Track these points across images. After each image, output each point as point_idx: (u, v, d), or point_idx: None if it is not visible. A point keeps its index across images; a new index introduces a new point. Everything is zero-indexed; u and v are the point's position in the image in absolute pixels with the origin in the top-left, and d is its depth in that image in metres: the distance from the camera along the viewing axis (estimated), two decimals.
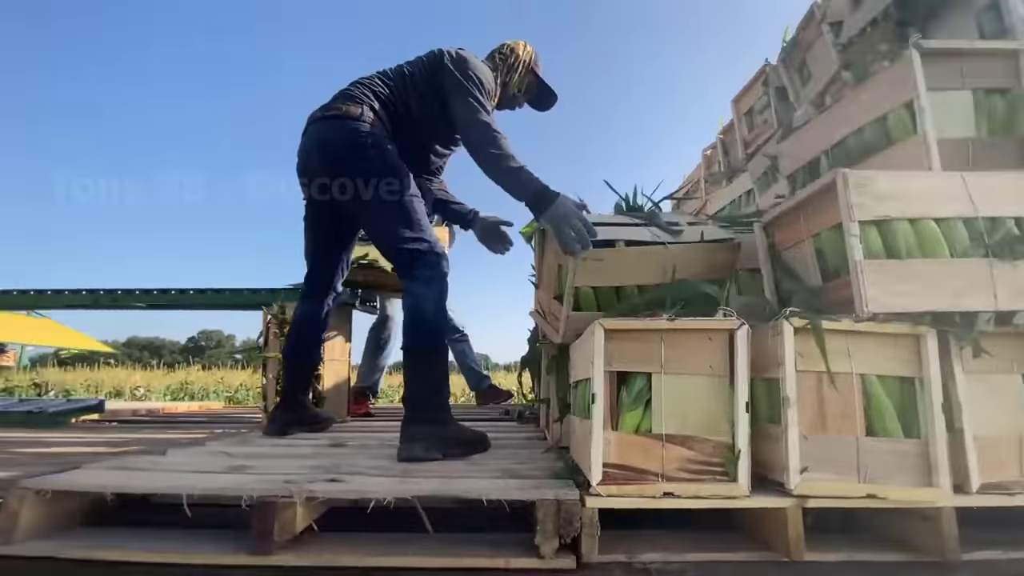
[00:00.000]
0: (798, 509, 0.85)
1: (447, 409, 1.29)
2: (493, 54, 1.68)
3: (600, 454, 0.89)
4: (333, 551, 0.84)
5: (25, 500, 0.83)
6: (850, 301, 0.92)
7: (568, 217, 1.18)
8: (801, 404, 0.89)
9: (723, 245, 1.31)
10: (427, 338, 1.31)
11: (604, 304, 1.32)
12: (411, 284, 1.33)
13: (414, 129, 1.52)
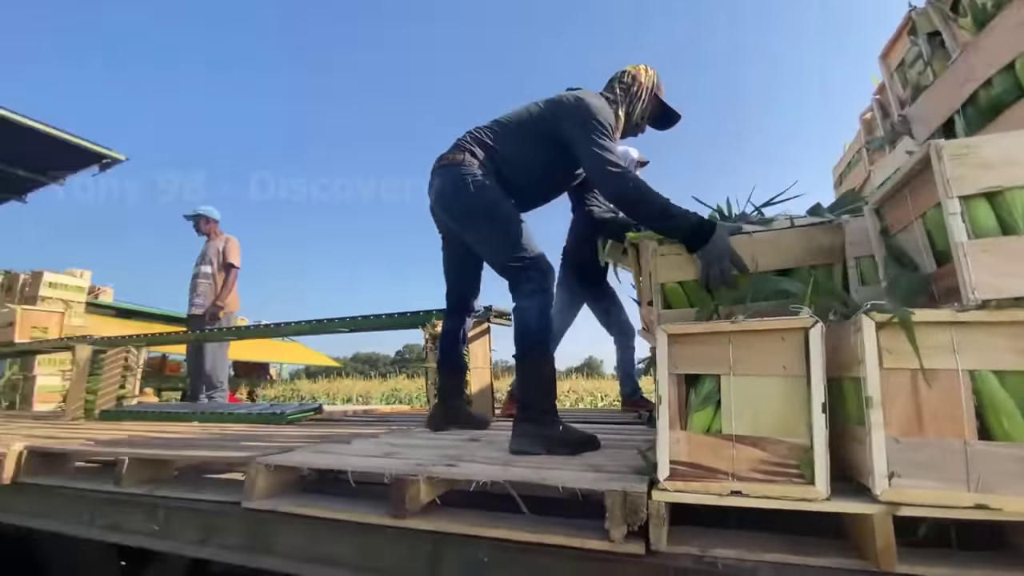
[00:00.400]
0: (887, 517, 0.80)
1: (553, 410, 1.44)
2: (613, 83, 1.75)
3: (667, 452, 0.95)
4: (447, 520, 1.06)
5: (259, 471, 1.24)
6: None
7: (721, 258, 1.25)
8: (891, 404, 0.83)
9: (823, 228, 1.22)
10: (533, 347, 1.48)
11: (695, 300, 1.35)
12: (516, 298, 1.52)
13: (523, 171, 1.66)
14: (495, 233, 1.57)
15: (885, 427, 0.82)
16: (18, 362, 4.98)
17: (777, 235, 1.32)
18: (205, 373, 3.78)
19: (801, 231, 1.30)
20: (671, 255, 1.40)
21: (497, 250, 1.58)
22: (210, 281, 3.93)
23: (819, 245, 1.28)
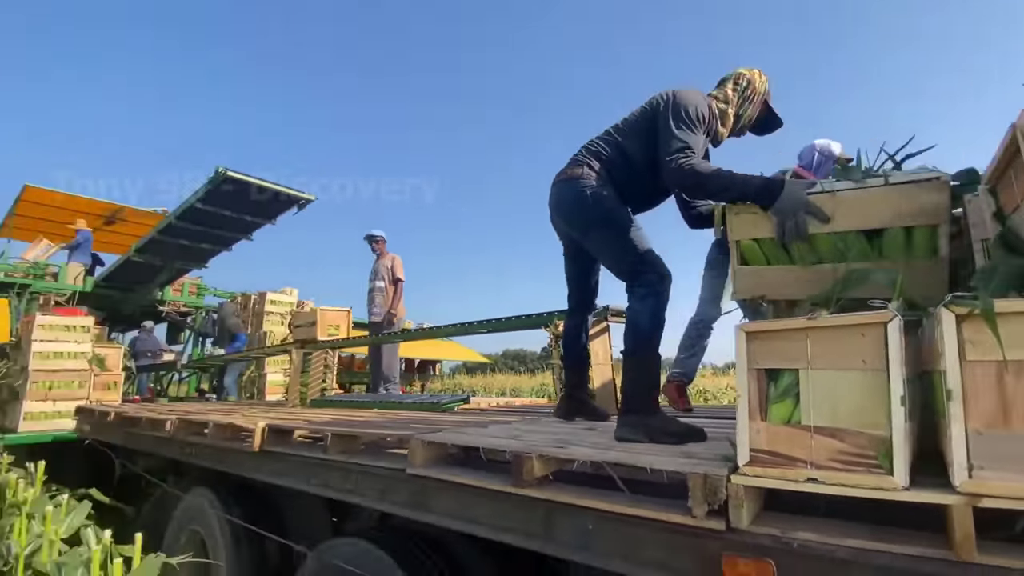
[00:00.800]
0: (967, 508, 0.80)
1: (656, 403, 1.56)
2: (725, 83, 1.80)
3: (747, 441, 1.04)
4: (557, 492, 1.28)
5: (418, 446, 1.60)
6: None
7: (796, 211, 1.27)
8: (975, 397, 0.82)
9: (923, 186, 1.16)
10: (642, 345, 1.62)
11: (772, 258, 1.36)
12: (630, 299, 1.67)
13: (636, 173, 1.78)
14: (612, 241, 1.73)
15: (968, 420, 0.82)
16: (254, 363, 6.49)
17: (865, 193, 1.27)
18: (382, 370, 4.56)
19: (894, 189, 1.23)
20: (745, 213, 1.43)
21: (615, 256, 1.74)
22: (383, 294, 4.72)
23: (919, 205, 1.20)
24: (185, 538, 2.69)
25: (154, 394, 7.55)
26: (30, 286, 6.69)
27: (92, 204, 8.24)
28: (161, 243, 6.16)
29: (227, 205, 5.35)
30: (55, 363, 5.00)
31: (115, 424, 3.82)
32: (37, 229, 8.34)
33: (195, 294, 8.56)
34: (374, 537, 1.80)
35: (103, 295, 7.32)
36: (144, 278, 7.25)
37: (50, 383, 4.93)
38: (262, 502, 2.55)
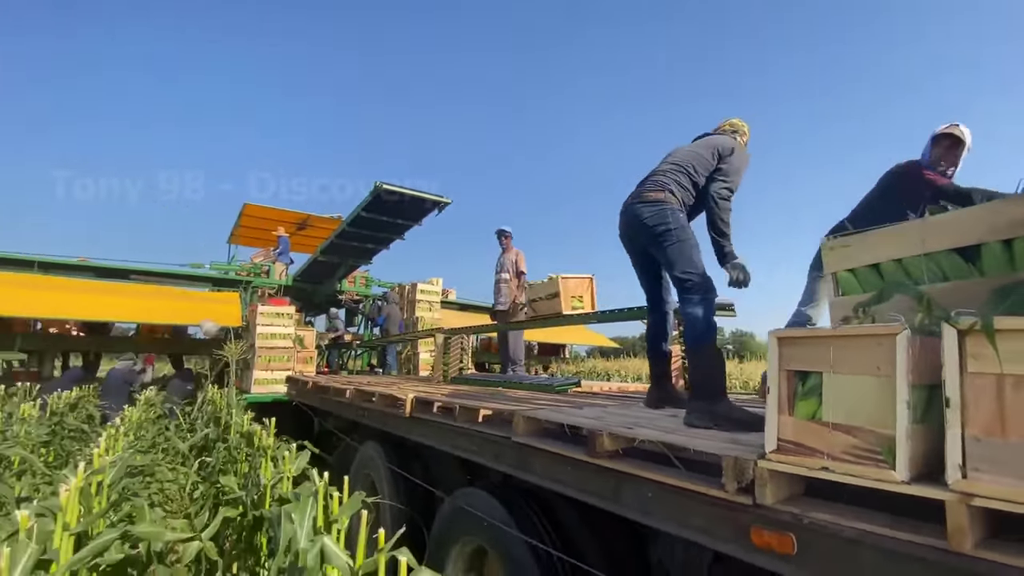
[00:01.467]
0: (961, 504, 0.89)
1: (720, 392, 1.72)
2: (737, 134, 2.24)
3: (775, 432, 1.20)
4: (624, 464, 1.54)
5: (520, 419, 1.97)
6: None
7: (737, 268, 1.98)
8: (974, 405, 0.90)
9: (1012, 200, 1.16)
10: (698, 341, 1.79)
11: (865, 285, 1.42)
12: (684, 304, 1.87)
13: (698, 201, 2.16)
14: (674, 254, 1.96)
15: (967, 426, 0.91)
16: (409, 343, 7.58)
17: (952, 215, 1.27)
18: (509, 353, 5.09)
19: (984, 206, 1.23)
20: (839, 247, 1.49)
21: (675, 266, 1.95)
22: (508, 285, 5.24)
23: (1009, 218, 1.18)
24: (360, 480, 3.48)
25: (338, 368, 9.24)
26: (252, 282, 8.68)
27: (287, 214, 10.27)
28: (338, 245, 7.53)
29: (384, 212, 6.36)
30: (271, 342, 6.50)
31: (312, 391, 4.94)
32: (253, 236, 10.66)
33: (365, 285, 10.17)
34: (492, 490, 2.23)
35: (299, 288, 9.17)
36: (327, 273, 8.90)
37: (269, 357, 6.43)
38: (415, 456, 3.19)
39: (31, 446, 3.48)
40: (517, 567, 1.95)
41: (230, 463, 3.25)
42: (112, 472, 2.02)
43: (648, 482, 1.47)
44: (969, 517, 0.89)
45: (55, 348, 8.84)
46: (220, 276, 9.10)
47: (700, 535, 1.33)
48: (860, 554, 1.02)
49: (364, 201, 6.12)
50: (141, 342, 9.21)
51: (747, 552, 1.21)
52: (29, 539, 1.30)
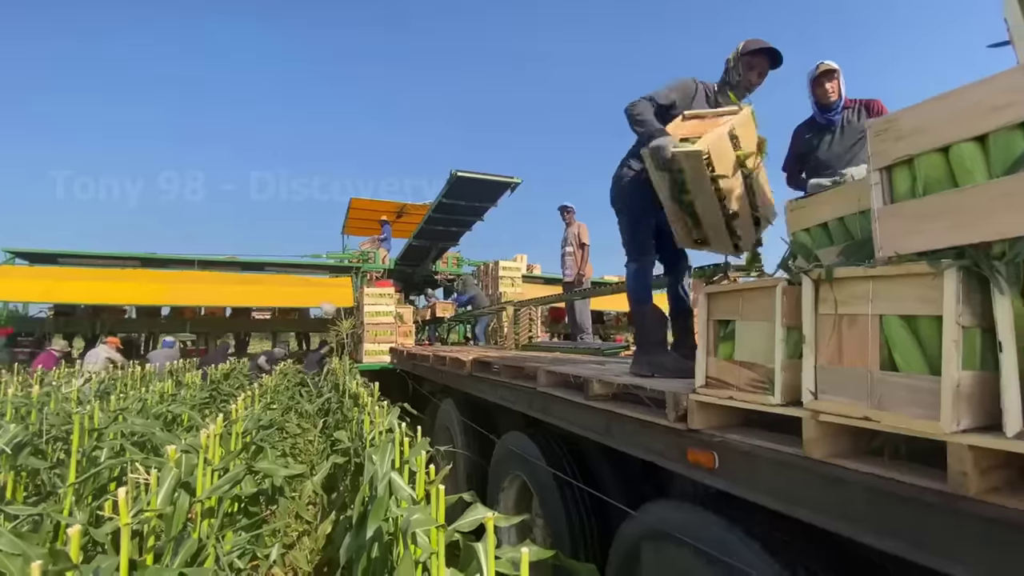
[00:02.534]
0: (812, 420, 1.10)
1: (659, 344, 1.95)
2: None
3: (703, 371, 1.44)
4: (613, 404, 1.85)
5: (542, 373, 2.33)
6: None
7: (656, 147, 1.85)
8: (823, 341, 1.10)
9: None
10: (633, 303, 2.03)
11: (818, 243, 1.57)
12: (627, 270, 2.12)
13: None
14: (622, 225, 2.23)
15: (817, 357, 1.11)
16: (495, 316, 8.16)
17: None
18: (576, 322, 5.40)
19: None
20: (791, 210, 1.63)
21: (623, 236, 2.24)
22: (573, 258, 5.52)
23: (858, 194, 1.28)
24: (441, 432, 4.10)
25: (436, 340, 10.22)
26: (361, 267, 9.88)
27: (387, 204, 11.36)
28: (427, 230, 8.30)
29: (462, 197, 6.92)
30: (377, 319, 7.48)
31: (407, 358, 5.71)
32: (361, 226, 11.97)
33: (456, 264, 11.00)
34: (530, 433, 2.64)
35: (400, 270, 10.22)
36: (422, 256, 9.80)
37: (376, 331, 7.41)
38: (482, 409, 3.70)
39: (195, 406, 4.37)
40: (547, 493, 2.35)
41: (344, 421, 3.86)
42: (245, 422, 2.61)
43: (624, 417, 1.77)
44: (818, 430, 1.10)
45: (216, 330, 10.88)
46: (335, 264, 10.46)
47: (658, 457, 1.62)
48: (756, 464, 1.26)
49: (444, 189, 6.72)
50: (276, 323, 10.96)
51: (687, 468, 1.48)
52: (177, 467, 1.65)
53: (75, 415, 2.45)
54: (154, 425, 2.74)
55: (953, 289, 0.87)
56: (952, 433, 0.86)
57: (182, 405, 3.78)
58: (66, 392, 3.83)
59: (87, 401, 4.41)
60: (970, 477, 0.84)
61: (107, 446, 2.51)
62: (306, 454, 4.36)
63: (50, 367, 6.64)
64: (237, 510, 2.16)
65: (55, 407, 3.26)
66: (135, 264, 9.08)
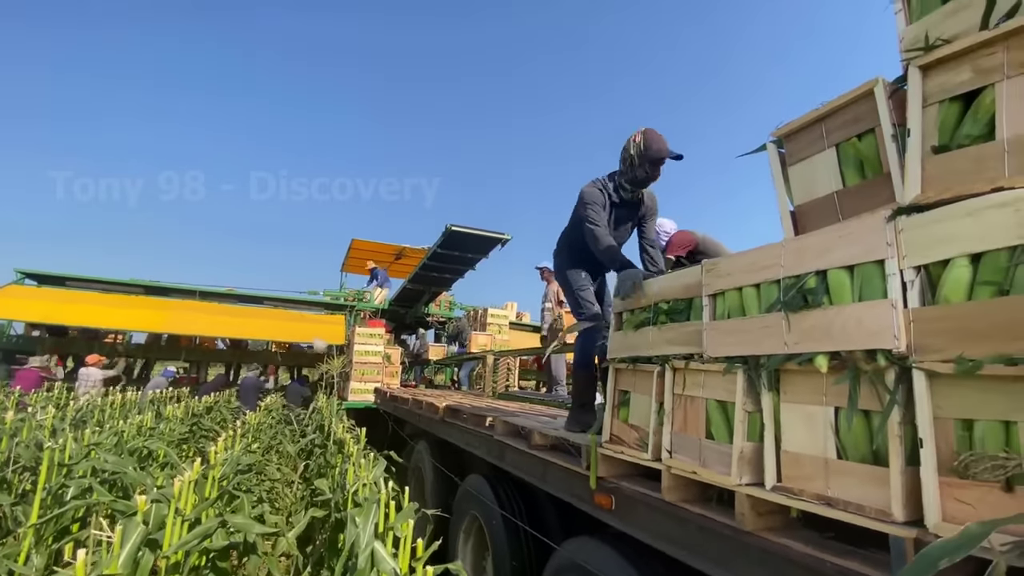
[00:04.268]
0: (668, 471, 1.48)
1: (586, 403, 2.36)
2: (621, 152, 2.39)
3: (608, 428, 1.83)
4: (547, 454, 2.22)
5: (499, 422, 2.70)
6: None
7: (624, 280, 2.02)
8: (677, 413, 1.50)
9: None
10: (575, 366, 2.42)
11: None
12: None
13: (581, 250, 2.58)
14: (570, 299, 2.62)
15: (673, 425, 1.51)
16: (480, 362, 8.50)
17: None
18: (551, 374, 5.77)
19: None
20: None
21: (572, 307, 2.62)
22: (551, 313, 5.94)
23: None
24: (413, 472, 4.39)
25: (421, 382, 10.49)
26: (355, 306, 10.28)
27: (387, 247, 11.90)
28: (421, 275, 8.78)
29: (456, 248, 7.44)
30: (365, 358, 7.80)
31: (390, 400, 6.02)
32: (359, 265, 12.46)
33: (448, 308, 11.41)
34: (486, 476, 2.97)
35: (393, 311, 10.62)
36: (415, 298, 10.23)
37: (363, 370, 7.72)
38: (451, 451, 4.02)
39: (173, 442, 4.11)
40: (496, 532, 2.67)
41: (326, 466, 3.70)
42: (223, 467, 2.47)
43: (554, 465, 2.14)
44: (672, 480, 1.49)
45: (208, 359, 11.14)
46: (331, 301, 10.87)
47: (576, 499, 1.98)
48: (636, 506, 1.63)
49: (438, 240, 7.23)
50: (269, 355, 11.23)
51: (593, 509, 1.84)
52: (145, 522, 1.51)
53: (47, 449, 2.34)
54: (127, 463, 2.64)
55: (741, 385, 1.29)
56: (736, 484, 1.25)
57: (159, 440, 3.70)
58: (40, 419, 3.75)
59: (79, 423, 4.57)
60: (747, 516, 1.22)
61: (75, 484, 2.42)
62: (284, 500, 4.16)
63: (29, 388, 6.76)
64: (204, 563, 2.04)
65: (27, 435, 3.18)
66: (139, 291, 9.48)
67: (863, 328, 1.03)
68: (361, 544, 1.62)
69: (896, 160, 1.07)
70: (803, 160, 1.29)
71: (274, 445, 5.15)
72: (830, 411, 1.11)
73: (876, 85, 1.11)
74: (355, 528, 1.66)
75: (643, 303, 1.77)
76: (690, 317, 1.54)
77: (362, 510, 1.68)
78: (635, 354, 1.75)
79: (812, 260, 1.16)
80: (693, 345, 1.50)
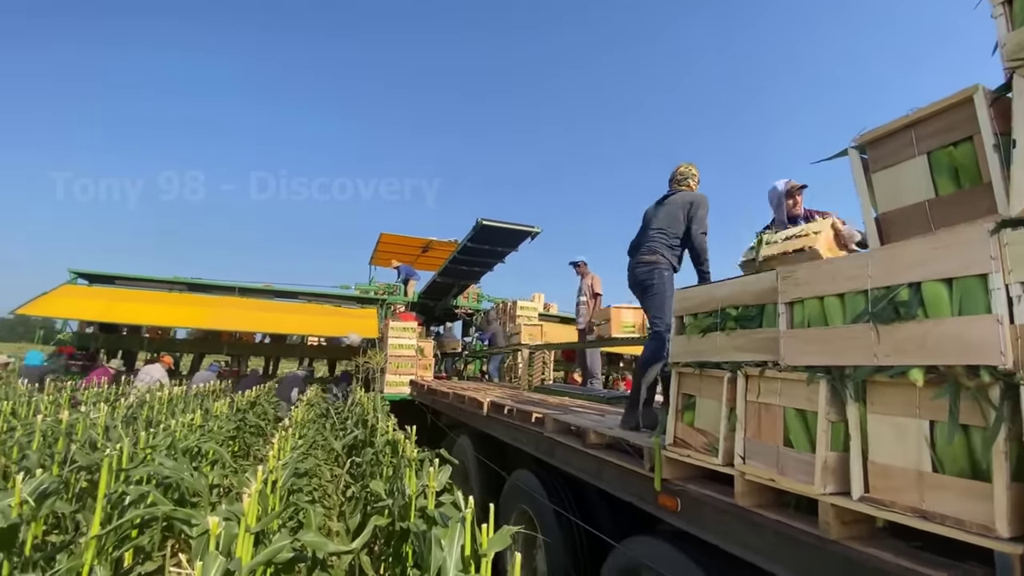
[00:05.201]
0: (742, 478, 1.50)
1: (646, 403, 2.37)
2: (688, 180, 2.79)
3: (671, 432, 1.84)
4: (602, 452, 2.25)
5: (550, 419, 2.75)
6: None
7: None
8: (748, 420, 1.51)
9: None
10: (643, 366, 2.46)
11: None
12: (648, 338, 2.52)
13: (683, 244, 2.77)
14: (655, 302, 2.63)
15: (746, 431, 1.52)
16: (509, 354, 8.58)
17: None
18: (587, 367, 5.79)
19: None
20: None
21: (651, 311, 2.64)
22: (586, 307, 5.95)
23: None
24: (456, 466, 4.47)
25: (453, 373, 10.64)
26: (386, 299, 10.45)
27: (415, 240, 12.02)
28: (451, 269, 8.86)
29: (486, 241, 7.47)
30: (399, 351, 7.95)
31: (427, 392, 6.14)
32: (385, 259, 12.64)
33: (477, 300, 11.51)
34: (537, 472, 3.02)
35: (423, 304, 10.77)
36: (444, 292, 10.35)
37: (397, 363, 7.87)
38: (493, 445, 4.09)
39: (222, 440, 4.13)
40: (548, 527, 2.72)
41: (376, 466, 3.60)
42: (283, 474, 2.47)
43: (612, 464, 2.17)
44: (746, 486, 1.50)
45: (248, 352, 11.50)
46: (362, 295, 11.07)
47: (635, 499, 2.01)
48: (705, 509, 1.65)
49: (469, 234, 7.28)
50: (306, 348, 11.53)
51: (656, 509, 1.87)
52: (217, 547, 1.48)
53: (104, 457, 2.29)
54: (183, 467, 2.68)
55: (824, 395, 1.29)
56: (821, 494, 1.26)
57: (209, 440, 3.74)
58: (94, 418, 3.86)
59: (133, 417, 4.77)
60: (832, 525, 1.23)
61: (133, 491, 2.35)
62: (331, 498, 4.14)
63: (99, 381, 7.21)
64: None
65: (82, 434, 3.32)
66: (182, 288, 9.83)
67: (964, 343, 1.02)
68: (450, 572, 1.52)
69: (999, 170, 1.05)
70: (889, 167, 1.27)
71: (318, 441, 5.21)
72: (925, 424, 1.11)
73: (976, 93, 1.08)
74: (440, 551, 1.56)
75: (708, 308, 1.77)
76: (762, 324, 1.54)
77: (447, 532, 1.57)
78: (701, 359, 1.76)
79: (904, 272, 1.14)
80: (766, 352, 1.50)
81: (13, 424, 3.78)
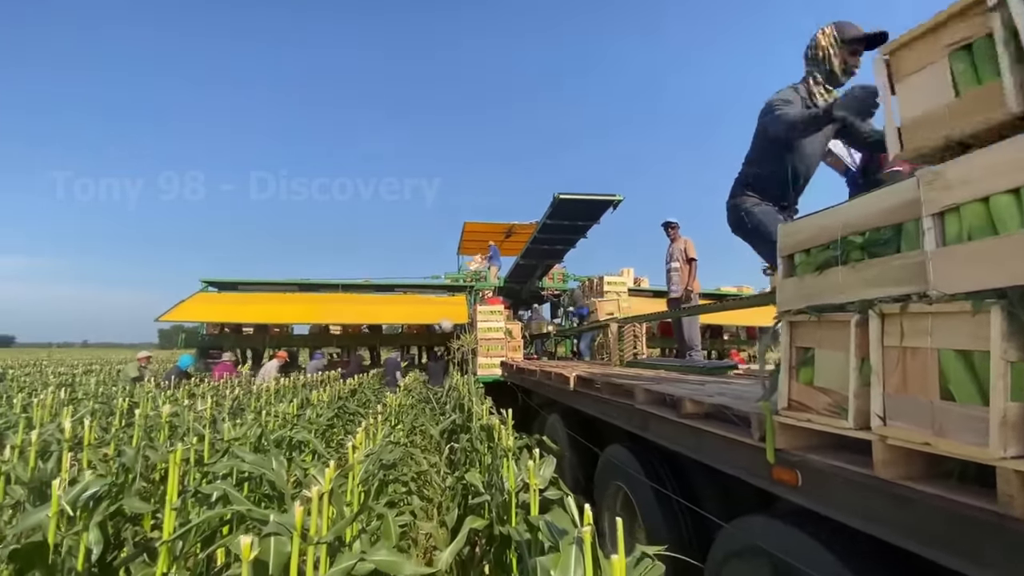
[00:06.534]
0: (881, 443, 1.20)
1: None
2: (806, 59, 2.23)
3: (786, 394, 1.56)
4: (699, 422, 2.00)
5: (640, 391, 2.53)
6: None
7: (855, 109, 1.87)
8: (888, 372, 1.20)
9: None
10: None
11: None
12: None
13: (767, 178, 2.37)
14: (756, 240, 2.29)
15: (884, 387, 1.21)
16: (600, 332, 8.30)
17: None
18: (684, 338, 5.37)
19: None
20: None
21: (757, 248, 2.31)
22: (679, 273, 5.51)
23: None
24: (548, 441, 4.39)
25: (548, 354, 10.58)
26: (474, 286, 10.65)
27: (497, 226, 12.10)
28: (533, 249, 8.75)
29: (565, 217, 7.24)
30: (489, 334, 8.04)
31: (517, 372, 6.11)
32: (473, 248, 12.87)
33: (562, 280, 11.32)
34: (632, 448, 2.82)
35: (508, 288, 10.81)
36: (529, 274, 10.29)
37: (488, 346, 7.97)
38: (584, 421, 3.93)
39: (319, 429, 3.96)
40: (647, 505, 2.52)
41: (472, 453, 3.40)
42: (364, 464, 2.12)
43: (713, 435, 1.91)
44: (888, 453, 1.20)
45: (355, 344, 12.38)
46: (452, 284, 11.40)
47: (743, 472, 1.74)
48: (834, 483, 1.37)
49: (547, 211, 7.10)
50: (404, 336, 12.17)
51: (770, 484, 1.60)
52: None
53: (170, 452, 1.95)
54: (267, 461, 2.33)
55: (999, 327, 0.96)
56: (1000, 459, 0.95)
57: (304, 430, 3.51)
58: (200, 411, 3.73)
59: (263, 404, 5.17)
60: (1017, 499, 0.92)
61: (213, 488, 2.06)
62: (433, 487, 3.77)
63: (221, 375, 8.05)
64: None
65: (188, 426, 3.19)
66: (294, 289, 10.82)
67: None
68: None
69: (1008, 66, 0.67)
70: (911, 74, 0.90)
71: (417, 426, 5.12)
72: None
73: None
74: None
75: (824, 240, 1.45)
76: (900, 248, 1.21)
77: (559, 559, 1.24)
78: (818, 302, 1.45)
79: None
80: (909, 283, 1.17)
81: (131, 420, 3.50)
